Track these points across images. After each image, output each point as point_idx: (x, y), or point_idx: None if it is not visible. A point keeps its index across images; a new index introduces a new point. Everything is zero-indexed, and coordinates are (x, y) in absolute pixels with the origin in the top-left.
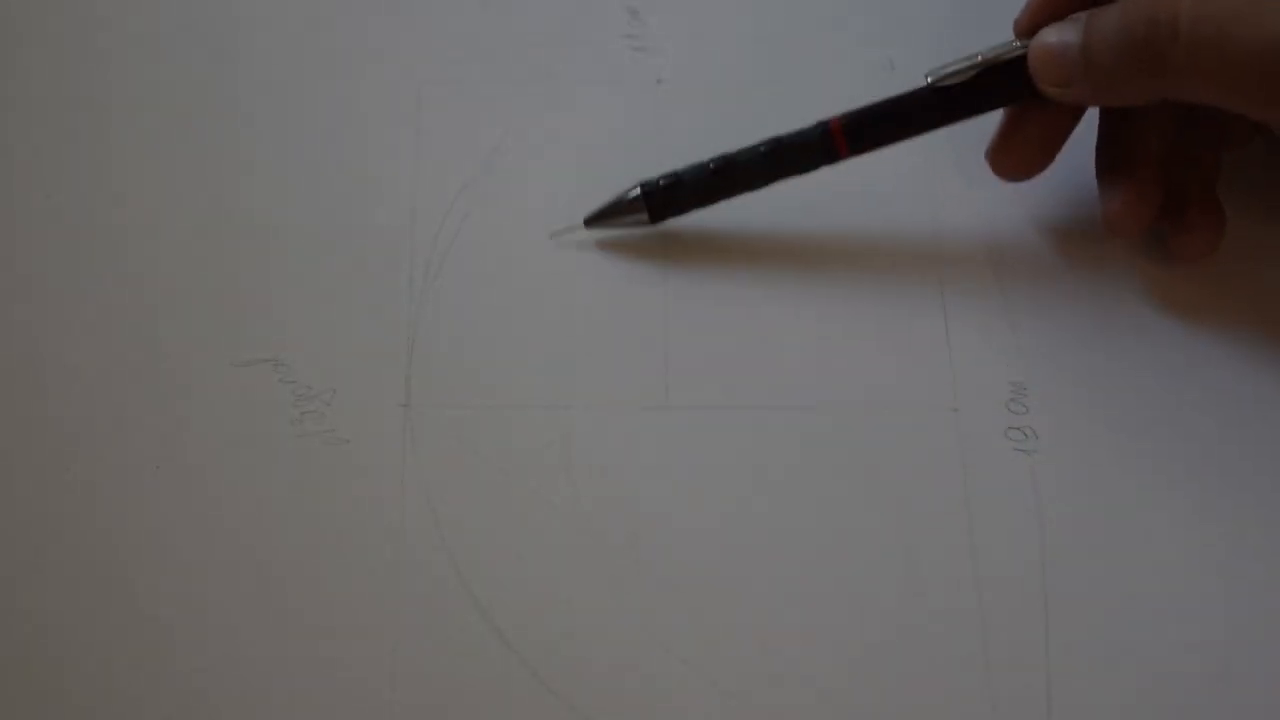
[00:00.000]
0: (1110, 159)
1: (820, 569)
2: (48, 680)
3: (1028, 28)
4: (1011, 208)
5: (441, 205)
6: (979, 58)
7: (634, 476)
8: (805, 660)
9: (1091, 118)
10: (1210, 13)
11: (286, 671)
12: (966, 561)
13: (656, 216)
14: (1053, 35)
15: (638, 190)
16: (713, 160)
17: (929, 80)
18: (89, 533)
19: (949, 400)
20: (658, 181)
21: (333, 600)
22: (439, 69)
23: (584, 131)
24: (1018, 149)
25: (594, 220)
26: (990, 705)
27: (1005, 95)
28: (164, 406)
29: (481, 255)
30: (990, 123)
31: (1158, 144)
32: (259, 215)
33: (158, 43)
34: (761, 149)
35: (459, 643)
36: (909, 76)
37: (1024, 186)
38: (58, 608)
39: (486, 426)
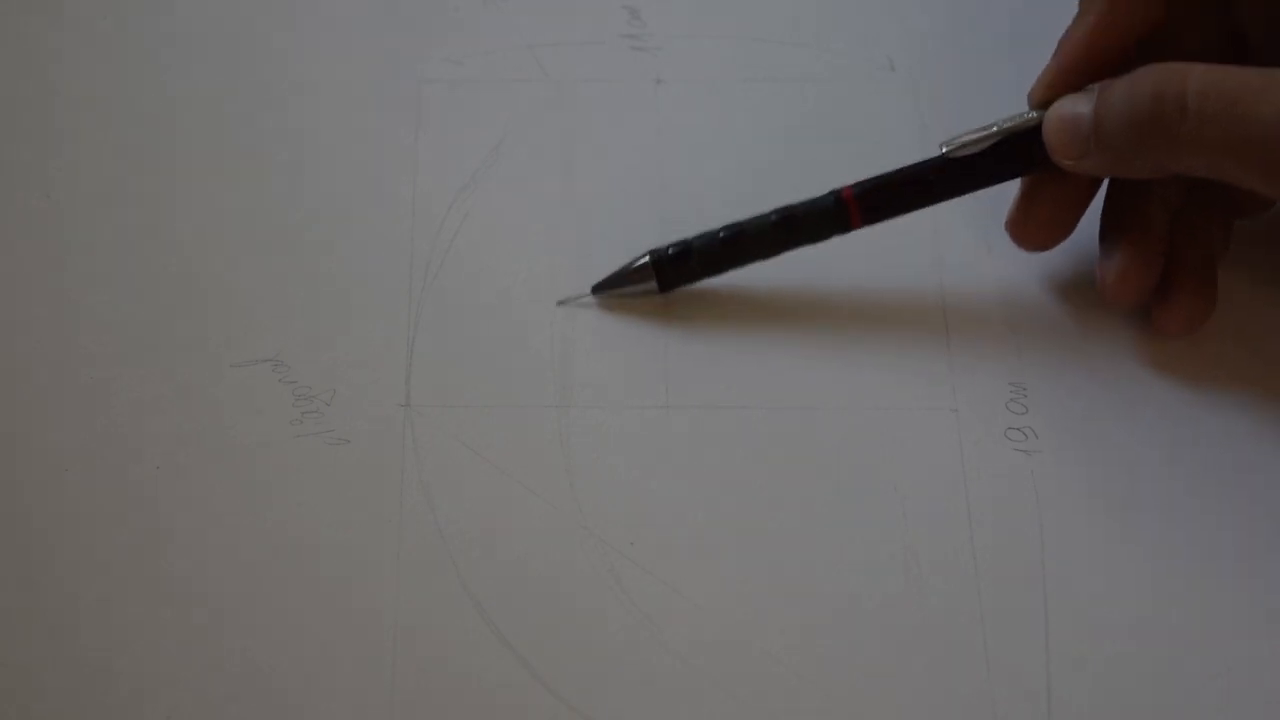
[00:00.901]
0: (1113, 224)
1: (820, 569)
2: (47, 680)
3: (1042, 99)
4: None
5: (441, 205)
6: (995, 128)
7: (634, 476)
8: (805, 660)
9: None
10: (1218, 88)
11: (286, 671)
12: (967, 561)
13: (666, 286)
14: (1066, 107)
15: (647, 259)
16: (723, 229)
17: (944, 150)
18: (89, 533)
19: (949, 400)
20: (667, 250)
21: (332, 600)
22: (439, 69)
23: (584, 131)
24: (1037, 218)
25: (601, 288)
26: (990, 705)
27: (1021, 165)
28: (164, 406)
29: (481, 255)
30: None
31: (1162, 214)
32: (259, 215)
33: (157, 43)
34: (773, 218)
35: (459, 643)
36: (909, 76)
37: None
38: (58, 607)
39: (486, 426)
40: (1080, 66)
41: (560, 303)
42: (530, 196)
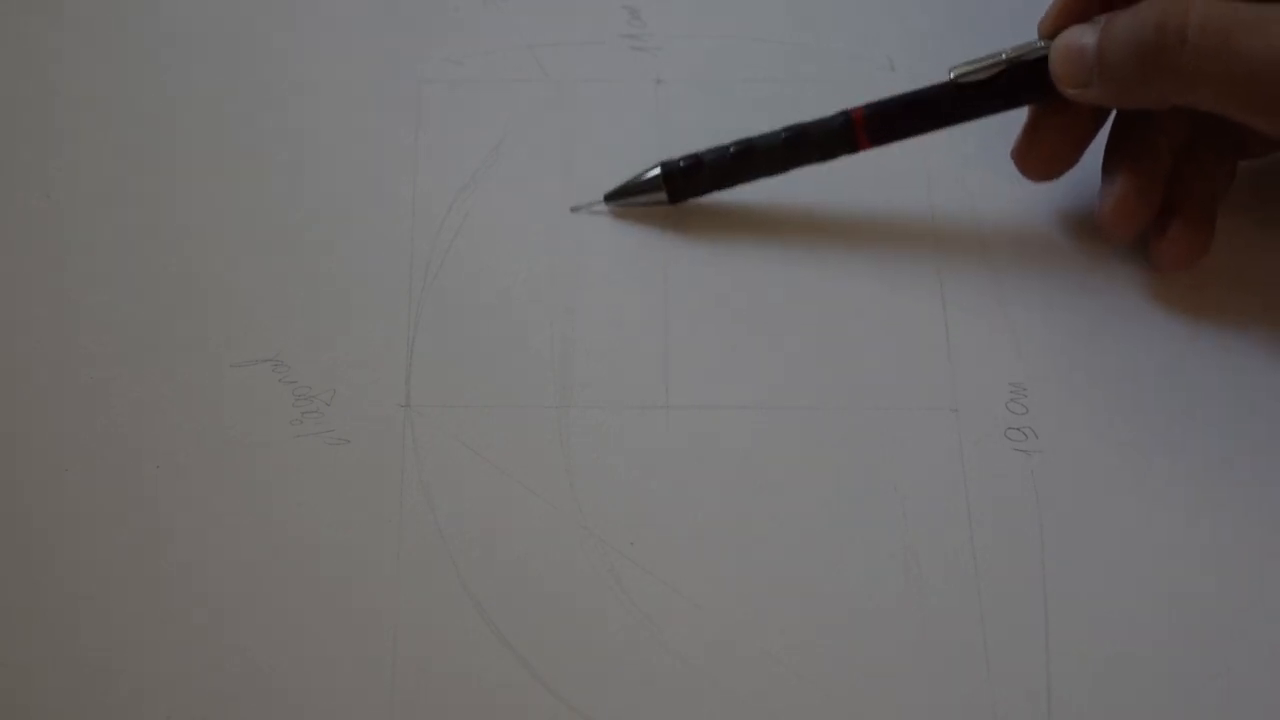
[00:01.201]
0: (1117, 157)
1: (820, 569)
2: (47, 679)
3: (1051, 29)
4: (1012, 209)
5: (441, 205)
6: (1004, 55)
7: (634, 476)
8: (805, 660)
9: None
10: (1217, 22)
11: (286, 671)
12: (967, 561)
13: (676, 196)
14: (1072, 37)
15: (658, 170)
16: (733, 144)
17: (953, 76)
18: (89, 532)
19: (949, 400)
20: (678, 163)
21: (332, 600)
22: (439, 69)
23: (584, 131)
24: (1042, 149)
25: (614, 196)
26: (990, 705)
27: (1028, 94)
28: (164, 406)
29: (481, 255)
30: (1007, 123)
31: (1165, 147)
32: (259, 215)
33: (157, 43)
34: (783, 135)
35: (459, 643)
36: (909, 76)
37: (1021, 188)
38: (58, 607)
39: (486, 426)
40: None
41: (574, 209)
42: (530, 196)
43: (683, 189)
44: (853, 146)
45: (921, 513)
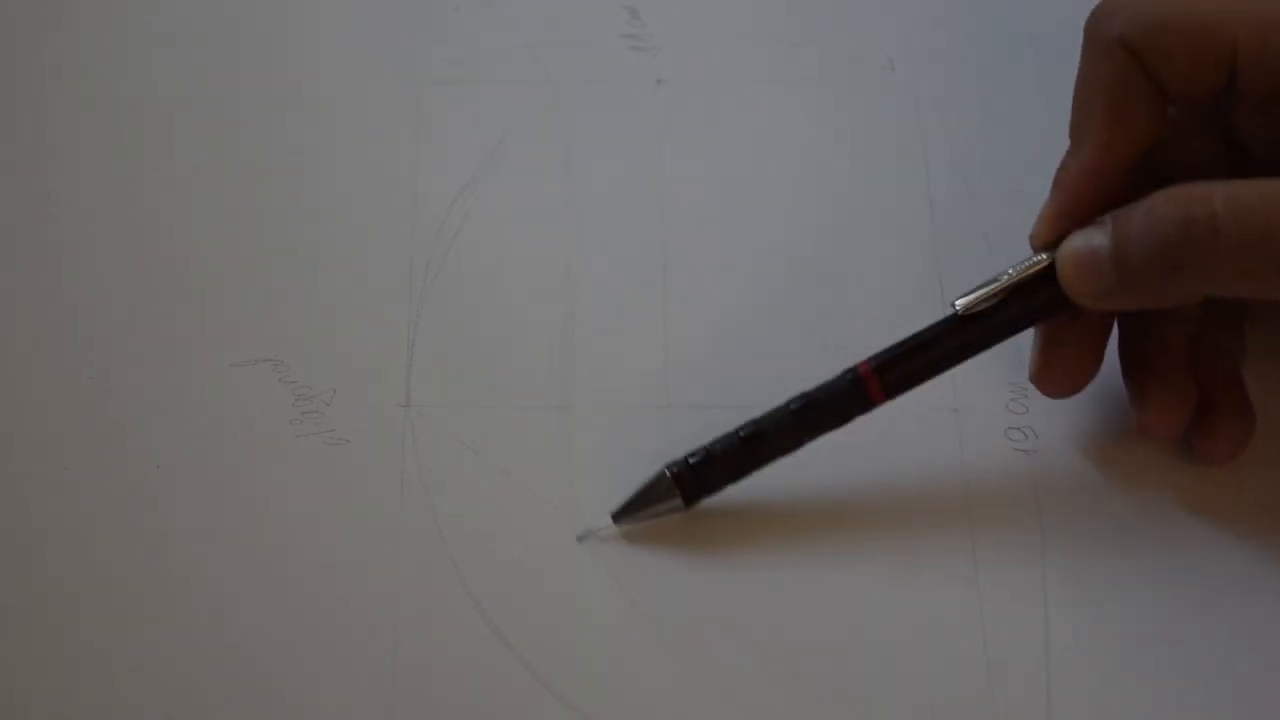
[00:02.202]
0: (1135, 360)
1: (820, 569)
2: (48, 679)
3: (1048, 238)
4: (1009, 204)
5: (441, 205)
6: (1006, 276)
7: (634, 476)
8: (804, 660)
9: None
10: (1248, 205)
11: (286, 671)
12: (967, 562)
13: (691, 499)
14: (1080, 242)
15: (668, 475)
16: (741, 429)
17: (957, 309)
18: (89, 532)
19: (949, 400)
20: (686, 461)
21: (332, 600)
22: (439, 69)
23: (584, 131)
24: (1063, 364)
25: (623, 514)
26: (990, 707)
27: (1040, 311)
28: (164, 406)
29: (481, 255)
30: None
31: (1181, 337)
32: (259, 215)
33: (157, 43)
34: (792, 407)
35: (459, 643)
36: (909, 76)
37: (1018, 186)
38: (57, 607)
39: (486, 426)
40: (1084, 199)
41: (581, 538)
42: (530, 196)
43: (696, 489)
44: (867, 404)
45: (922, 513)
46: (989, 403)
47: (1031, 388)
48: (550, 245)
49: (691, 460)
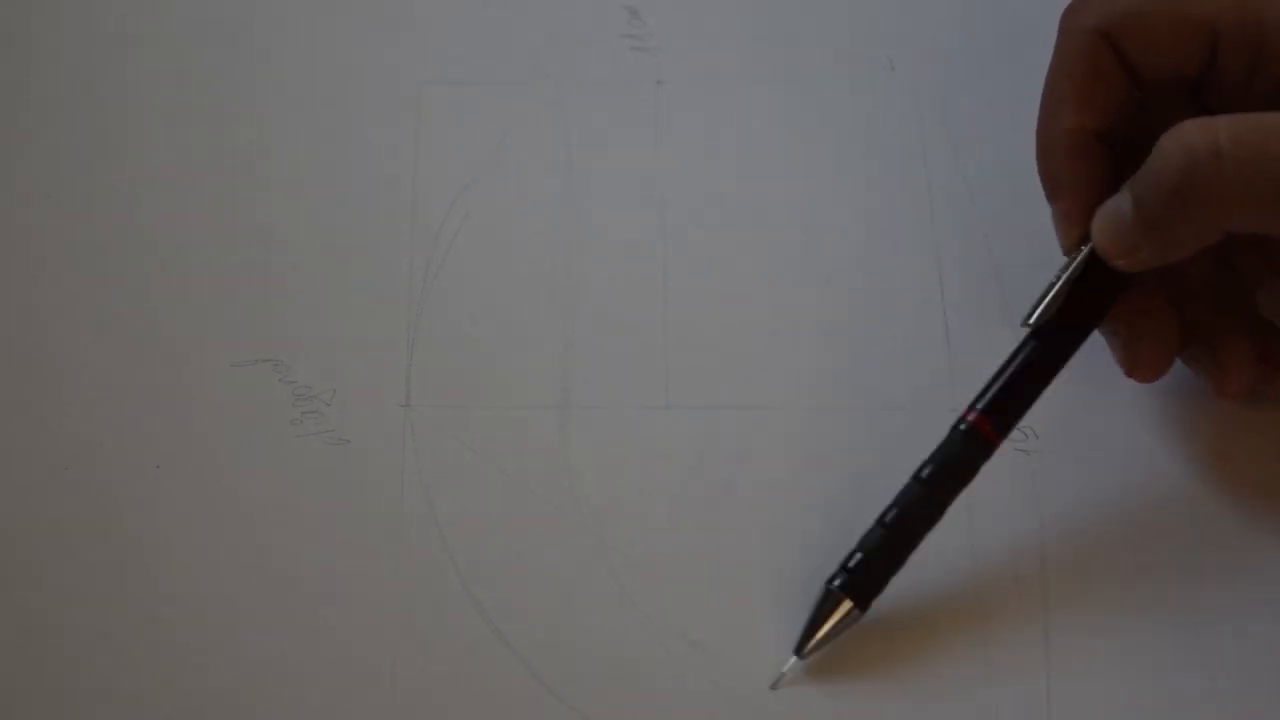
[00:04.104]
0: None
1: (820, 569)
2: (48, 679)
3: (1077, 236)
4: (1013, 206)
5: (441, 205)
6: (1059, 277)
7: (634, 476)
8: (805, 661)
9: None
10: (1249, 131)
11: (286, 671)
12: (967, 561)
13: (865, 603)
14: (1106, 208)
15: (834, 589)
16: (883, 517)
17: (1029, 325)
18: (89, 532)
19: (949, 400)
20: (844, 568)
21: (332, 600)
22: (439, 69)
23: (584, 131)
24: (1144, 352)
25: (806, 646)
26: (990, 706)
27: (1100, 298)
28: (164, 406)
29: (481, 255)
30: None
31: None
32: (259, 215)
33: (157, 42)
34: (922, 478)
35: (459, 643)
36: (909, 76)
37: (1023, 186)
38: (57, 607)
39: (486, 426)
40: (1082, 182)
41: (774, 686)
42: (530, 196)
43: (867, 593)
44: (989, 450)
45: None
46: None
47: None
48: (550, 245)
49: (850, 565)
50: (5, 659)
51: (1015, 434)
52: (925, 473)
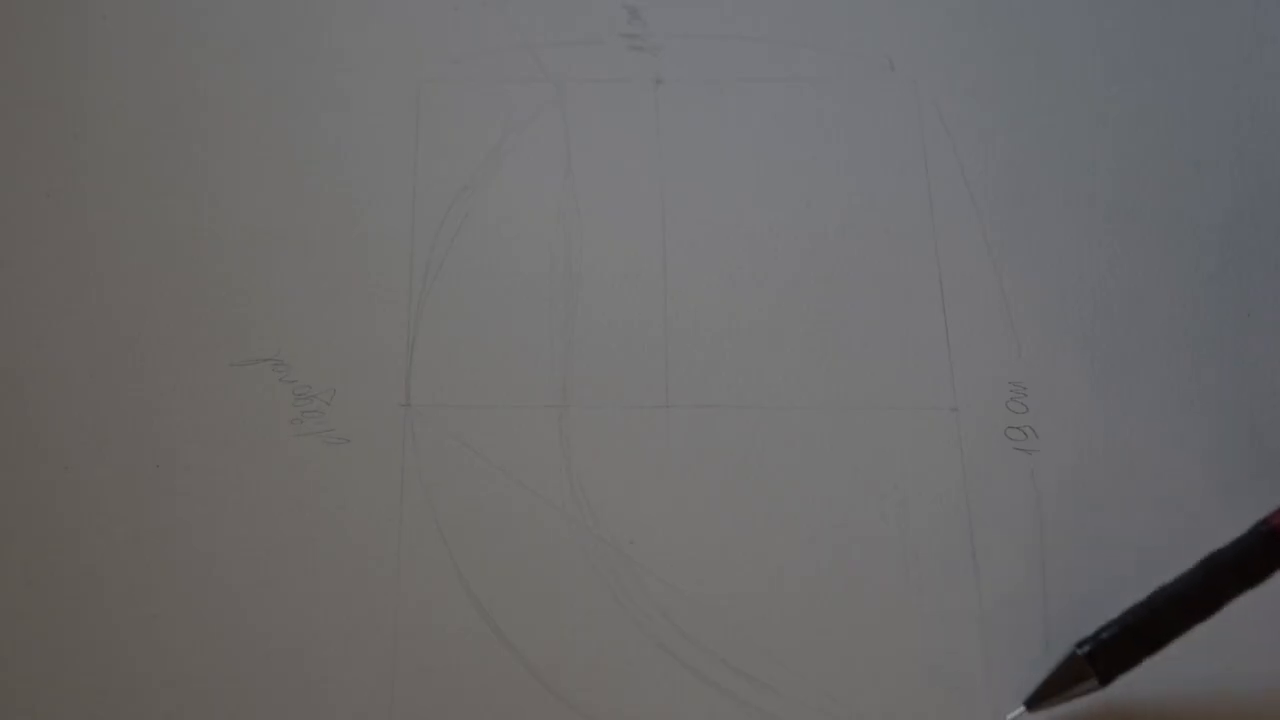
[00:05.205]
0: None
1: (820, 570)
2: (48, 678)
3: None
4: (1014, 206)
5: (441, 205)
6: None
7: (634, 476)
8: (805, 660)
9: None
10: None
11: (286, 670)
12: (967, 561)
13: (1107, 678)
14: None
15: (1079, 655)
16: (1153, 596)
17: None
18: (89, 532)
19: (949, 400)
20: (1099, 636)
21: (332, 600)
22: (439, 69)
23: (584, 131)
24: None
25: (1038, 700)
26: (990, 706)
27: None
28: (164, 406)
29: (481, 255)
30: None
31: None
32: (259, 215)
33: (157, 42)
34: (1200, 573)
35: (459, 643)
36: (909, 76)
37: (1023, 187)
38: (57, 606)
39: (486, 426)
40: None
41: None
42: (530, 196)
43: (1112, 666)
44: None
45: (921, 513)
46: (989, 403)
47: (1031, 388)
48: (550, 245)
49: (1104, 635)
50: (5, 659)
51: (1015, 434)
52: (1208, 566)
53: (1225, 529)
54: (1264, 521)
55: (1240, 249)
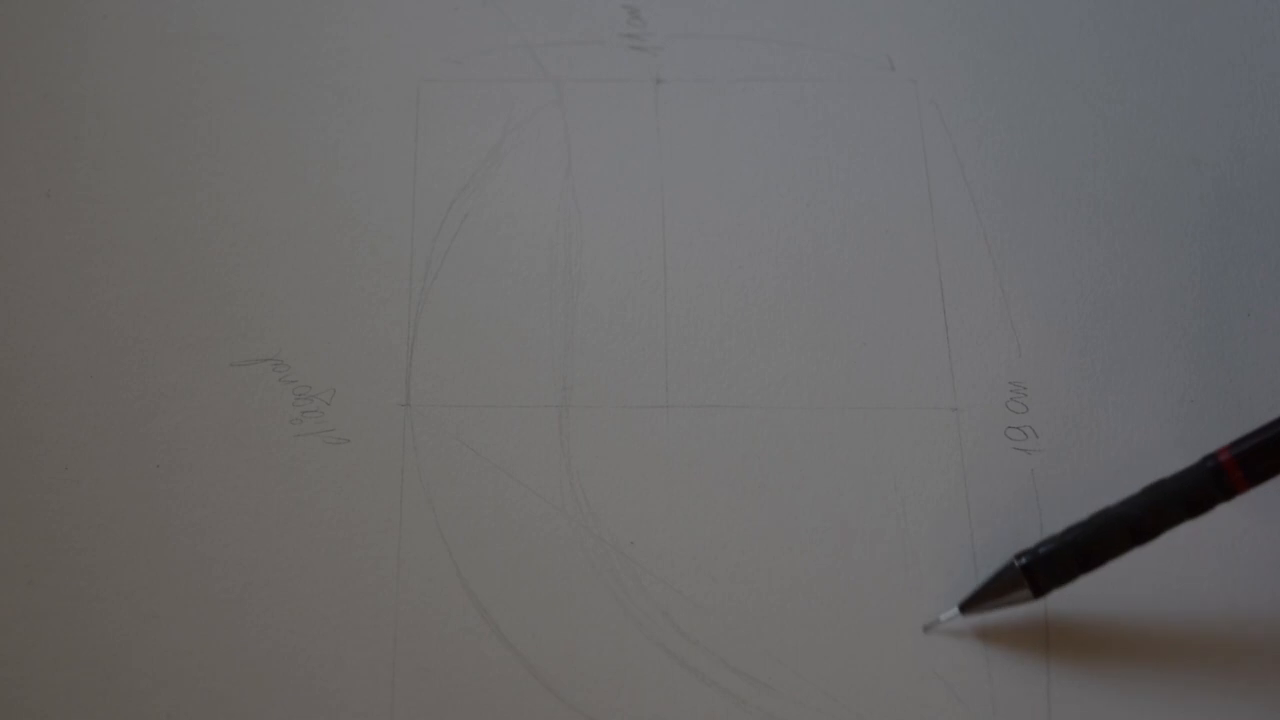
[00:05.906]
0: None
1: (821, 570)
2: (48, 678)
3: None
4: (1014, 207)
5: (441, 205)
6: None
7: (634, 476)
8: (805, 660)
9: None
10: None
11: (286, 671)
12: (966, 561)
13: (1040, 590)
14: None
15: (1018, 565)
16: (1094, 516)
17: None
18: (89, 532)
19: (949, 400)
20: (1037, 550)
21: (332, 600)
22: (439, 68)
23: (584, 131)
24: None
25: (971, 604)
26: (990, 706)
27: None
28: (164, 406)
29: (481, 255)
30: None
31: None
32: (259, 214)
33: (158, 41)
34: (1147, 494)
35: (459, 642)
36: (909, 76)
37: (1024, 186)
38: (57, 606)
39: (486, 426)
40: None
41: (927, 629)
42: (530, 196)
43: (1047, 579)
44: (1229, 492)
45: (921, 513)
46: (989, 403)
47: (1031, 388)
48: (550, 245)
49: (1042, 549)
50: (5, 659)
51: (1015, 433)
52: (1152, 491)
53: (1225, 528)
54: (1212, 456)
55: (1240, 249)
